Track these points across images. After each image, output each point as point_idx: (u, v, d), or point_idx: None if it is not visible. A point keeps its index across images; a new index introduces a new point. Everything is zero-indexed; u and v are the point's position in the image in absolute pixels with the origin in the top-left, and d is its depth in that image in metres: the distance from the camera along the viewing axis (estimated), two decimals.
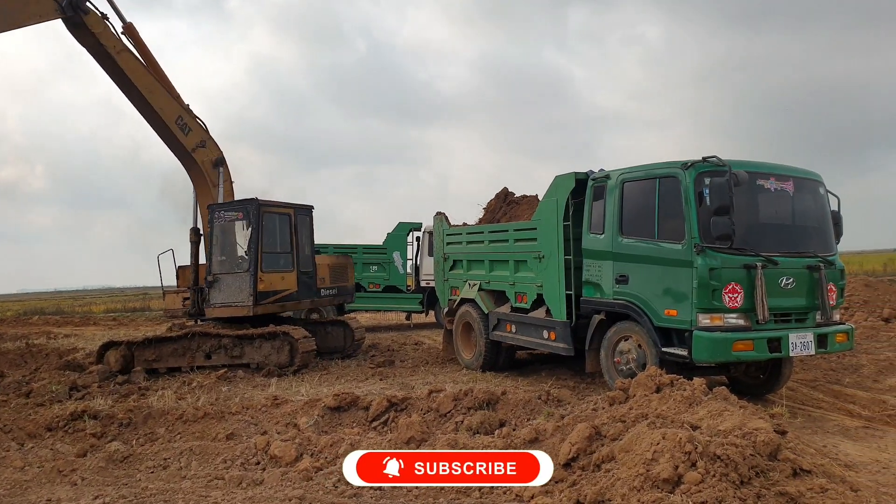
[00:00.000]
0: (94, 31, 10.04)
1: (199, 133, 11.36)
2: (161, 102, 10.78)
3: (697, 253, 6.30)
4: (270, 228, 11.25)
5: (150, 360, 10.76)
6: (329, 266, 12.45)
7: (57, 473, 6.08)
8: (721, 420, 4.84)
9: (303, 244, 11.78)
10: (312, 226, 12.10)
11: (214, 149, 11.65)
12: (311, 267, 11.87)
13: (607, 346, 7.35)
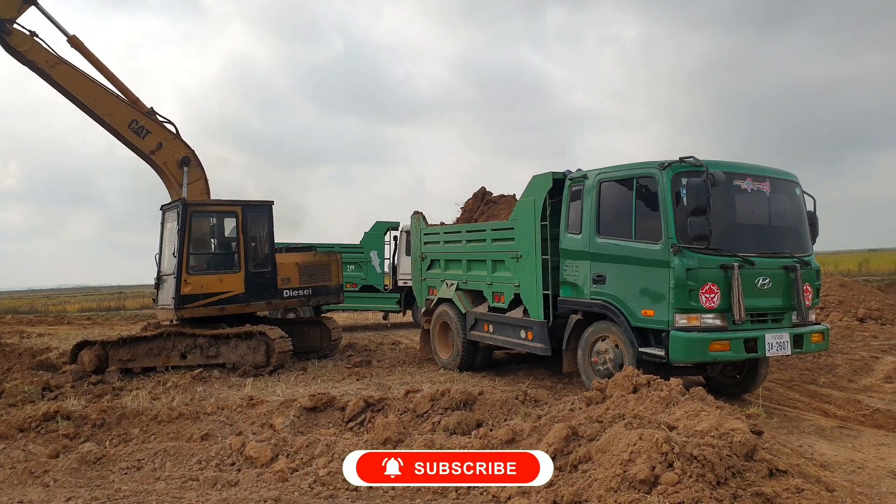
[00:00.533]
0: (21, 50, 10.19)
1: (157, 135, 11.17)
2: (108, 109, 10.77)
3: (674, 253, 6.31)
4: (206, 229, 11.20)
5: (125, 359, 10.58)
6: (298, 265, 11.72)
7: (28, 475, 5.96)
8: (698, 420, 4.84)
9: (255, 243, 11.30)
10: (272, 223, 11.47)
11: (178, 149, 11.35)
12: (269, 266, 11.30)
13: (584, 346, 7.35)
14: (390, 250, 17.87)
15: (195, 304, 10.66)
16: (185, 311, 10.61)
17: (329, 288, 12.08)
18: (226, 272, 11.01)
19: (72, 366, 10.58)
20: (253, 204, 11.40)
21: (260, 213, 11.37)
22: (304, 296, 11.68)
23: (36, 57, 10.27)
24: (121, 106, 10.90)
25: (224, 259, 11.23)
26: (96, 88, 10.75)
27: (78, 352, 10.85)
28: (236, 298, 10.94)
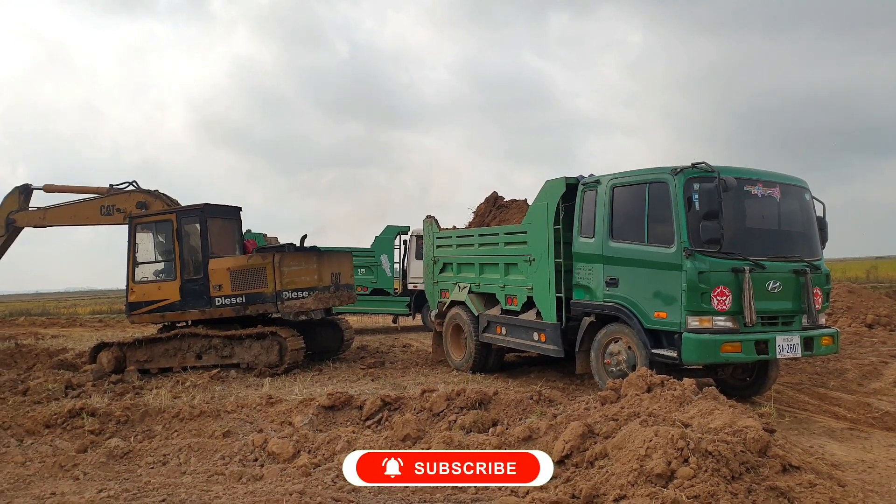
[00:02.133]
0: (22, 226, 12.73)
1: (119, 203, 12.00)
2: (85, 215, 12.30)
3: (687, 257, 6.45)
4: (148, 239, 11.46)
5: (142, 360, 10.79)
6: (230, 270, 10.75)
7: (59, 468, 6.15)
8: (711, 418, 4.98)
9: (189, 250, 11.16)
10: (205, 229, 11.02)
11: (133, 201, 11.94)
12: (202, 274, 10.93)
13: (597, 348, 7.49)
14: (400, 254, 18.03)
15: (141, 312, 11.33)
16: (136, 317, 11.52)
17: (264, 295, 10.57)
18: (164, 280, 11.20)
19: (92, 365, 10.79)
20: (186, 210, 11.32)
21: (192, 220, 11.15)
22: (238, 304, 10.72)
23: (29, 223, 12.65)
24: (90, 205, 12.22)
25: (164, 267, 11.36)
26: (71, 209, 12.38)
27: (97, 352, 11.07)
28: (172, 306, 11.09)
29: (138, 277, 11.29)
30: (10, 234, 12.62)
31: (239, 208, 11.86)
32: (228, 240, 11.60)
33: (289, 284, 10.60)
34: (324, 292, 11.00)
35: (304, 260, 10.93)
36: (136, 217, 11.34)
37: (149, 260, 11.39)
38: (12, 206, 12.55)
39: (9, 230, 12.50)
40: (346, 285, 11.63)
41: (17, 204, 12.57)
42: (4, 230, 12.48)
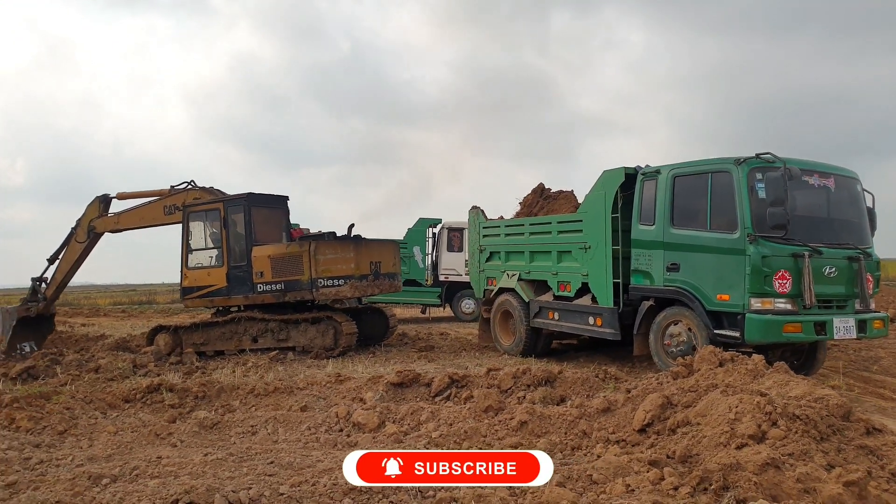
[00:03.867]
0: (100, 232, 13.29)
1: (180, 202, 12.42)
2: (152, 216, 12.85)
3: (750, 242, 6.81)
4: (200, 227, 11.91)
5: (199, 343, 11.17)
6: (270, 258, 11.11)
7: (154, 436, 6.50)
8: (789, 388, 5.32)
9: (236, 238, 11.53)
10: (249, 216, 11.40)
11: (188, 198, 12.40)
12: (245, 261, 11.31)
13: (657, 330, 7.84)
14: (430, 246, 18.37)
15: (193, 296, 11.85)
16: (189, 302, 12.10)
17: (301, 283, 10.85)
18: (213, 267, 11.64)
19: (150, 347, 11.18)
20: (232, 199, 11.69)
21: (238, 209, 11.54)
22: (277, 290, 11.05)
23: (105, 228, 13.23)
24: (155, 207, 12.81)
25: (214, 254, 11.78)
26: (139, 212, 13.01)
27: (154, 335, 11.45)
28: (220, 292, 11.55)
29: (191, 264, 11.68)
30: (91, 240, 13.23)
31: (286, 197, 12.22)
32: (275, 228, 11.97)
33: (324, 272, 10.87)
34: (361, 281, 11.23)
35: (340, 249, 11.19)
36: (188, 206, 11.75)
37: (200, 247, 11.76)
38: (93, 213, 13.18)
39: (90, 236, 13.15)
40: (386, 274, 11.87)
41: (97, 212, 13.20)
42: (85, 236, 13.11)
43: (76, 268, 13.35)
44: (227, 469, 5.23)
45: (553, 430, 5.85)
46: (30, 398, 7.49)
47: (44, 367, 9.91)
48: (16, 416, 6.92)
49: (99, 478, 4.99)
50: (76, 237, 13.18)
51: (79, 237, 13.15)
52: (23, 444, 6.16)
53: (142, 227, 13.07)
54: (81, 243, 13.13)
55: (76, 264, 13.25)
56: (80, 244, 13.14)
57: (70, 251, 13.21)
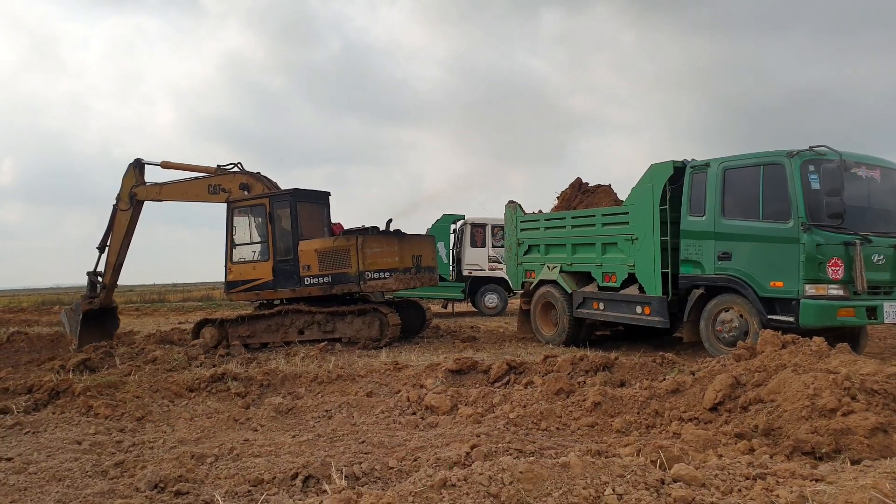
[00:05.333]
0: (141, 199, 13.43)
1: (225, 183, 12.65)
2: (195, 193, 13.02)
3: (804, 231, 7.11)
4: (245, 222, 12.17)
5: (244, 335, 11.42)
6: (318, 252, 11.42)
7: (233, 422, 6.72)
8: (858, 367, 5.61)
9: (282, 232, 11.78)
10: (295, 211, 11.71)
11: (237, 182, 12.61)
12: (292, 254, 11.60)
13: (707, 318, 8.14)
14: (453, 242, 18.65)
15: (238, 290, 12.01)
16: (233, 296, 12.22)
17: (348, 275, 11.21)
18: (259, 261, 11.92)
19: (197, 340, 11.43)
20: (278, 195, 11.96)
21: (284, 204, 11.81)
22: (325, 283, 11.37)
23: (147, 196, 13.39)
24: (199, 184, 12.98)
25: (259, 249, 12.08)
26: (183, 186, 13.16)
27: (200, 328, 11.71)
28: (266, 285, 11.80)
29: (236, 258, 11.94)
30: (135, 208, 13.36)
31: (328, 193, 12.48)
32: (318, 222, 12.22)
33: (371, 266, 11.21)
34: (405, 274, 11.59)
35: (385, 242, 11.54)
36: (233, 202, 11.99)
37: (245, 242, 12.02)
38: (130, 181, 13.32)
39: (132, 204, 13.27)
40: (427, 268, 12.22)
41: (134, 178, 13.34)
42: (128, 204, 13.24)
43: (127, 242, 13.39)
44: (322, 448, 5.47)
45: (626, 411, 6.11)
46: (100, 387, 7.72)
47: (98, 359, 10.15)
48: (93, 405, 7.15)
49: (202, 457, 5.23)
50: (119, 206, 13.31)
51: (122, 205, 13.27)
52: (109, 429, 6.40)
53: (183, 200, 13.30)
54: (126, 211, 13.23)
55: (126, 238, 13.30)
56: (125, 212, 13.23)
57: (117, 225, 13.30)
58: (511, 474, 2.63)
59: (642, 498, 2.54)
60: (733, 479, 2.96)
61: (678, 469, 2.94)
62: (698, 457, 4.64)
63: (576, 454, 2.99)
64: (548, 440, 5.65)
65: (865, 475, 2.80)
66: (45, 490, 4.50)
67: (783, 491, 2.65)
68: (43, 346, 14.08)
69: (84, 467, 4.96)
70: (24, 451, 5.42)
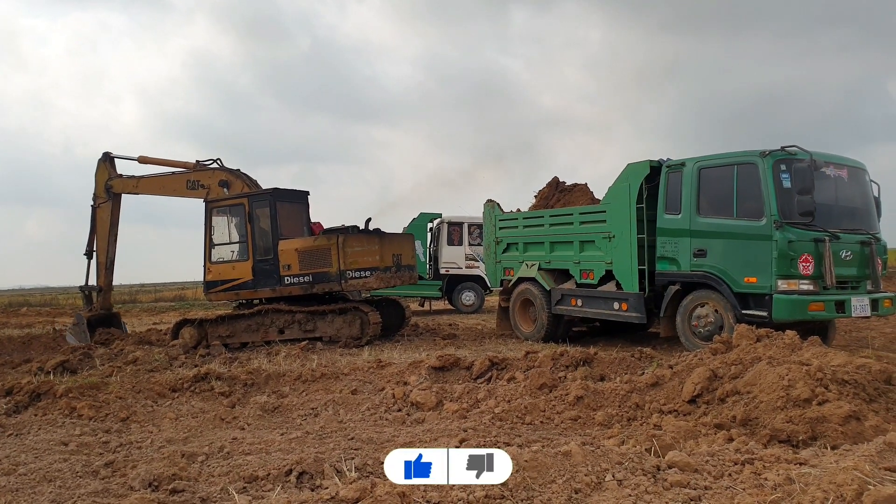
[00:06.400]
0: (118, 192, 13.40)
1: (204, 180, 12.65)
2: (173, 188, 13.02)
3: (777, 228, 7.37)
4: (223, 221, 12.17)
5: (224, 335, 11.39)
6: (298, 251, 11.42)
7: (220, 421, 6.73)
8: (829, 359, 5.85)
9: (261, 232, 11.77)
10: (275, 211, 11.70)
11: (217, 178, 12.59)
12: (272, 254, 11.59)
13: (684, 313, 8.37)
14: (429, 240, 18.76)
15: (218, 290, 11.99)
16: (212, 296, 12.17)
17: (329, 274, 11.22)
18: (238, 261, 11.91)
19: (176, 340, 11.37)
20: (257, 195, 11.94)
21: (263, 204, 11.78)
22: (305, 282, 11.35)
23: (124, 189, 13.37)
24: (178, 179, 12.98)
25: (237, 248, 12.07)
26: (161, 181, 13.19)
27: (179, 329, 11.65)
28: (245, 285, 11.80)
29: (214, 258, 11.90)
30: (114, 201, 13.31)
31: (306, 192, 12.50)
32: (297, 222, 12.23)
33: (352, 264, 11.23)
34: (385, 272, 11.65)
35: (366, 241, 11.57)
36: (211, 201, 11.94)
37: (223, 242, 11.99)
38: (104, 174, 13.29)
39: (110, 196, 13.24)
40: (406, 266, 12.28)
41: (107, 172, 13.31)
42: (106, 195, 13.21)
43: (114, 236, 13.30)
44: (312, 445, 5.53)
45: (608, 404, 6.27)
46: (82, 389, 7.66)
47: (77, 360, 10.05)
48: (76, 406, 7.10)
49: (193, 455, 5.25)
50: (98, 200, 13.25)
51: (100, 200, 13.23)
52: (94, 430, 6.37)
53: (161, 195, 13.25)
54: (105, 203, 13.18)
55: (112, 232, 13.21)
56: (105, 205, 13.18)
57: (100, 222, 13.23)
58: (517, 463, 2.77)
59: (641, 483, 2.69)
60: (723, 464, 3.13)
61: (672, 456, 3.10)
62: (685, 446, 4.83)
63: (576, 443, 3.12)
64: (533, 433, 5.78)
65: (845, 458, 2.99)
66: (38, 491, 4.49)
67: (771, 474, 2.82)
68: (14, 348, 13.83)
69: (74, 468, 4.93)
70: (10, 453, 5.37)
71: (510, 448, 3.20)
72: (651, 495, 2.65)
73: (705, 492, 2.72)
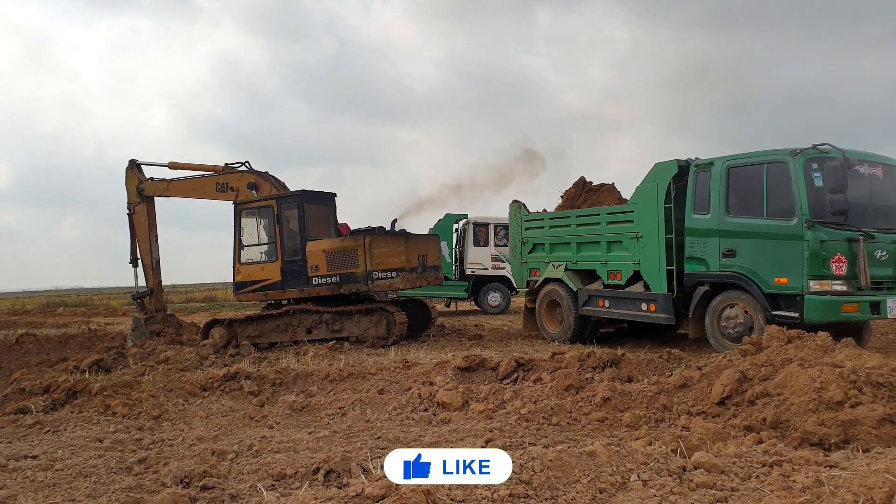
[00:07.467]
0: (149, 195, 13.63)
1: (233, 182, 12.81)
2: (202, 190, 13.23)
3: (808, 228, 7.25)
4: (252, 223, 12.29)
5: (253, 335, 11.55)
6: (325, 252, 11.53)
7: (249, 419, 6.82)
8: (863, 361, 5.73)
9: (290, 233, 11.88)
10: (303, 212, 11.84)
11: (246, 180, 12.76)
12: (300, 255, 11.72)
13: (713, 314, 8.28)
14: (456, 241, 18.78)
15: (246, 290, 12.14)
16: (242, 296, 12.36)
17: (356, 275, 11.32)
18: (267, 262, 12.04)
19: (206, 340, 11.55)
20: (286, 196, 12.07)
21: (291, 205, 11.91)
22: (333, 283, 11.48)
23: (155, 192, 13.62)
24: (207, 181, 13.17)
25: (266, 250, 12.19)
26: (190, 183, 13.40)
27: (209, 329, 11.84)
28: (274, 285, 11.93)
29: (244, 259, 12.07)
30: (148, 203, 13.60)
31: (334, 194, 12.62)
32: (324, 223, 12.36)
33: (379, 265, 11.32)
34: (411, 273, 11.70)
35: (392, 242, 11.65)
36: (240, 203, 12.12)
37: (252, 243, 12.15)
38: (134, 181, 13.57)
39: (143, 199, 13.53)
40: (432, 267, 12.36)
41: (136, 178, 13.60)
42: (139, 198, 13.51)
43: (154, 236, 13.55)
44: (339, 444, 5.58)
45: (635, 406, 6.22)
46: (116, 387, 7.84)
47: (111, 359, 10.28)
48: (110, 404, 7.26)
49: (223, 453, 5.33)
50: (132, 206, 13.54)
51: (133, 204, 13.52)
52: (127, 428, 6.52)
53: (191, 197, 13.53)
54: (140, 205, 13.47)
55: (151, 233, 13.49)
56: (140, 207, 13.47)
57: (138, 226, 13.51)
58: (541, 462, 2.77)
59: (666, 484, 2.68)
60: (751, 465, 3.09)
61: (699, 457, 3.08)
62: (713, 448, 4.77)
63: (601, 443, 3.11)
64: (559, 434, 5.77)
65: (877, 461, 2.93)
66: (74, 486, 4.61)
67: (799, 476, 2.78)
68: (52, 347, 14.24)
69: (108, 464, 5.06)
70: (47, 450, 5.53)
71: (536, 448, 3.20)
72: (676, 496, 2.64)
73: (732, 493, 2.70)
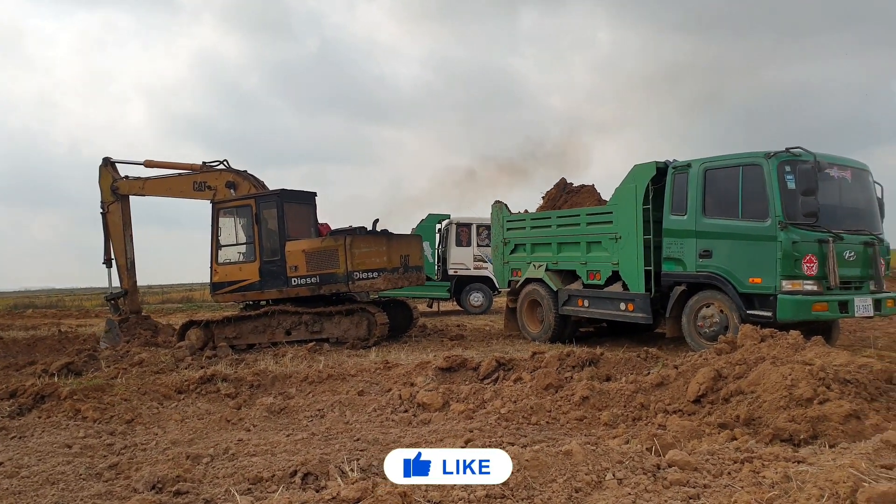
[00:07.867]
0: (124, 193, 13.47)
1: (211, 181, 12.70)
2: (179, 189, 13.09)
3: (781, 229, 7.39)
4: (230, 223, 12.22)
5: (231, 336, 11.46)
6: (305, 252, 11.42)
7: (225, 422, 6.73)
8: (832, 358, 5.86)
9: (268, 233, 11.77)
10: (282, 212, 11.69)
11: (224, 179, 12.65)
12: (279, 255, 11.60)
13: (689, 313, 8.39)
14: (438, 241, 18.81)
15: (224, 291, 12.03)
16: (219, 297, 12.23)
17: (337, 276, 11.20)
18: (245, 262, 11.95)
19: (182, 342, 11.45)
20: (264, 196, 11.96)
21: (270, 205, 11.78)
22: (312, 283, 11.36)
23: (130, 191, 13.48)
24: (184, 180, 13.04)
25: (244, 250, 12.10)
26: (167, 182, 13.27)
27: (185, 330, 11.73)
28: (252, 286, 11.83)
29: (221, 259, 11.98)
30: (122, 202, 13.41)
31: (314, 193, 12.55)
32: (304, 223, 12.27)
33: (359, 265, 11.25)
34: (393, 273, 11.67)
35: (374, 242, 11.60)
36: (218, 203, 12.02)
37: (230, 243, 12.07)
38: (108, 179, 13.37)
39: (117, 198, 13.34)
40: (414, 267, 12.31)
41: (111, 176, 13.41)
42: (113, 197, 13.31)
43: (129, 236, 13.36)
44: (318, 447, 5.53)
45: (613, 404, 6.28)
46: (87, 391, 7.68)
47: (82, 362, 10.13)
48: (80, 408, 7.06)
49: (198, 457, 5.25)
50: (106, 206, 13.32)
51: (107, 203, 13.31)
52: (98, 432, 6.35)
53: (167, 196, 13.36)
54: (114, 204, 13.26)
55: (126, 232, 13.30)
56: (115, 208, 13.26)
57: (112, 225, 13.31)
58: (518, 462, 2.80)
59: (640, 482, 2.72)
60: (723, 462, 3.16)
61: (673, 455, 3.13)
62: (688, 445, 4.84)
63: (577, 443, 3.15)
64: (539, 434, 5.80)
65: (843, 456, 3.01)
66: (41, 493, 4.46)
67: (769, 472, 2.85)
68: (19, 350, 13.87)
69: (77, 470, 4.90)
70: (13, 456, 5.34)
71: (513, 448, 3.23)
72: (650, 494, 2.69)
73: (704, 490, 2.75)
